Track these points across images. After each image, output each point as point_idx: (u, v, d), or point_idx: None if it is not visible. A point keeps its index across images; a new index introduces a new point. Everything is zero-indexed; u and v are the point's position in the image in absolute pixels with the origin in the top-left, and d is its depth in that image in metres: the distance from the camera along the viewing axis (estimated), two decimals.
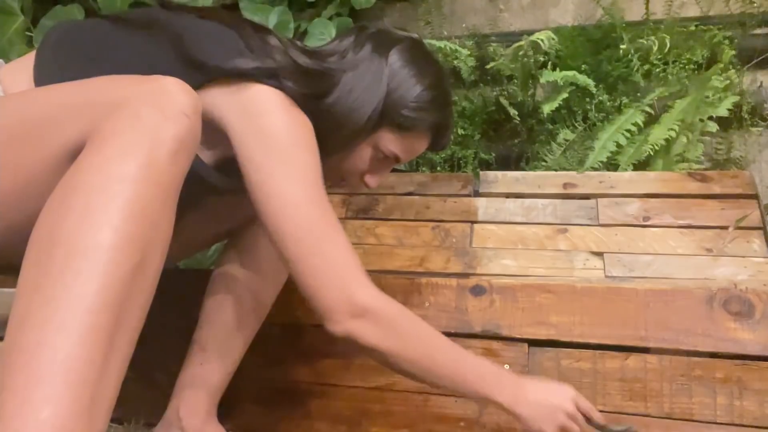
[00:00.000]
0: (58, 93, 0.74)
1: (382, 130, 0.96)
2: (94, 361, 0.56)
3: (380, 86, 0.93)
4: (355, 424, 1.14)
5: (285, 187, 0.83)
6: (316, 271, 0.84)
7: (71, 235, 0.58)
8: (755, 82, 1.85)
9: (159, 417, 1.08)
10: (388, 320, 0.86)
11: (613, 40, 1.92)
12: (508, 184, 1.61)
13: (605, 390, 1.05)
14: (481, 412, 1.09)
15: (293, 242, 0.84)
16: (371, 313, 0.84)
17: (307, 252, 0.84)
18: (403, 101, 0.94)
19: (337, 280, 0.84)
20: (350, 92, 0.92)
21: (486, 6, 2.36)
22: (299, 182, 0.84)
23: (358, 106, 0.93)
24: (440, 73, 1.00)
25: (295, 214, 0.83)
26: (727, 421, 0.99)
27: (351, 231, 1.59)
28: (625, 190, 1.52)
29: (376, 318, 0.85)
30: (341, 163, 1.00)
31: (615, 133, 1.64)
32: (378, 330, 0.85)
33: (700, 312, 1.05)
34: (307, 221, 0.84)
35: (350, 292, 0.84)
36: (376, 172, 1.03)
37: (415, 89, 0.95)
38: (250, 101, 0.85)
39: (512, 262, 1.44)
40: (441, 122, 1.00)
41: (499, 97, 1.97)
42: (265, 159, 0.84)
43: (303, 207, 0.84)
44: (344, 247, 0.86)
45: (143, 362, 1.25)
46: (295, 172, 0.84)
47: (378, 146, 0.98)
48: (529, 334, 1.10)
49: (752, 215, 1.39)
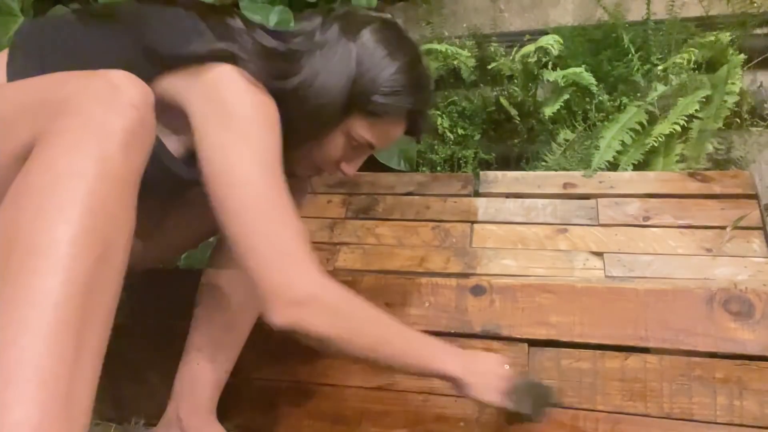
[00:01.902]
0: (12, 92, 0.74)
1: (354, 116, 0.92)
2: (64, 357, 0.54)
3: (348, 67, 0.89)
4: (355, 424, 1.14)
5: (235, 164, 0.81)
6: (256, 253, 0.80)
7: (27, 234, 0.58)
8: (755, 82, 1.85)
9: (159, 417, 1.09)
10: (333, 306, 0.82)
11: (613, 40, 1.92)
12: (508, 184, 1.61)
13: (605, 390, 1.05)
14: (481, 412, 1.09)
15: (236, 220, 0.80)
16: (315, 299, 0.80)
17: (250, 231, 0.80)
18: (375, 85, 0.90)
19: (277, 263, 0.80)
20: (317, 74, 0.89)
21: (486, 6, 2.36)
22: (251, 160, 0.81)
23: (325, 88, 0.89)
24: (415, 53, 0.95)
25: (241, 192, 0.80)
26: (727, 421, 0.99)
27: (351, 231, 1.59)
28: (625, 190, 1.52)
29: (321, 304, 0.80)
30: (315, 152, 0.97)
31: (619, 132, 1.64)
32: (324, 317, 0.81)
33: (700, 312, 1.05)
34: (252, 199, 0.80)
35: (291, 277, 0.79)
36: (352, 160, 1.00)
37: (387, 71, 0.90)
38: (210, 82, 0.84)
39: (512, 262, 1.44)
40: (416, 107, 0.95)
41: (499, 97, 1.97)
42: (219, 136, 0.82)
43: (251, 185, 0.80)
44: (290, 229, 0.81)
45: (143, 362, 1.26)
46: (248, 149, 0.81)
47: (350, 134, 0.94)
48: (529, 334, 1.10)
49: (752, 215, 1.39)
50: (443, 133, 1.94)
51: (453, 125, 1.96)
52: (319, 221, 1.62)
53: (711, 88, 1.64)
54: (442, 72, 2.05)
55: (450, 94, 2.06)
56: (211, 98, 0.83)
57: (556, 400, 1.01)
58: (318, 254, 1.55)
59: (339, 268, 1.50)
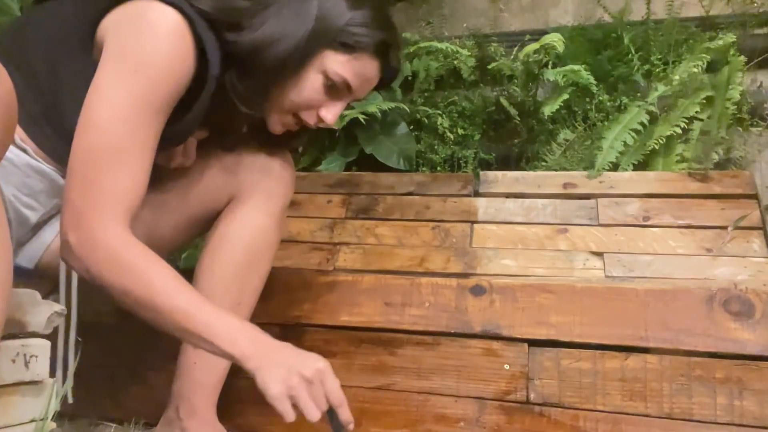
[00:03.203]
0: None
1: (325, 51, 0.93)
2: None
3: (310, 6, 0.91)
4: (355, 424, 1.14)
5: (99, 106, 0.81)
6: (73, 192, 0.81)
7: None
8: (755, 82, 1.85)
9: (159, 417, 1.09)
10: (118, 257, 0.80)
11: (613, 40, 1.92)
12: (508, 184, 1.61)
13: (605, 390, 1.05)
14: (481, 412, 1.09)
15: (75, 159, 0.82)
16: (104, 247, 0.80)
17: (79, 170, 0.81)
18: (341, 18, 0.92)
19: (87, 206, 0.80)
20: (282, 10, 0.90)
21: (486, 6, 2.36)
22: (116, 105, 0.81)
23: (289, 24, 0.90)
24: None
25: (90, 134, 0.81)
26: (727, 421, 0.99)
27: (351, 231, 1.59)
28: (625, 190, 1.52)
29: (108, 253, 0.80)
30: (294, 98, 0.96)
31: (622, 132, 1.64)
32: (108, 266, 0.80)
33: (700, 312, 1.05)
34: (95, 143, 0.81)
35: (93, 221, 0.80)
36: (331, 104, 0.98)
37: (354, 6, 0.92)
38: (133, 16, 0.84)
39: (512, 262, 1.44)
40: (385, 40, 0.96)
41: (499, 97, 1.97)
42: (104, 74, 0.82)
43: (100, 128, 0.81)
44: (120, 180, 0.82)
45: (142, 363, 1.26)
46: (118, 94, 0.81)
47: (326, 71, 0.94)
48: (529, 334, 1.10)
49: (752, 215, 1.39)
50: (443, 133, 1.94)
51: (453, 125, 1.96)
52: (319, 221, 1.62)
53: (712, 89, 1.64)
54: (442, 72, 2.05)
55: (450, 94, 2.05)
56: (122, 34, 0.83)
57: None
58: (318, 254, 1.55)
59: (339, 268, 1.50)
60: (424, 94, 2.05)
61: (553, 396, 1.07)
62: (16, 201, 0.90)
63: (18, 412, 0.76)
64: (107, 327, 1.24)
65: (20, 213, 0.91)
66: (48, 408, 0.78)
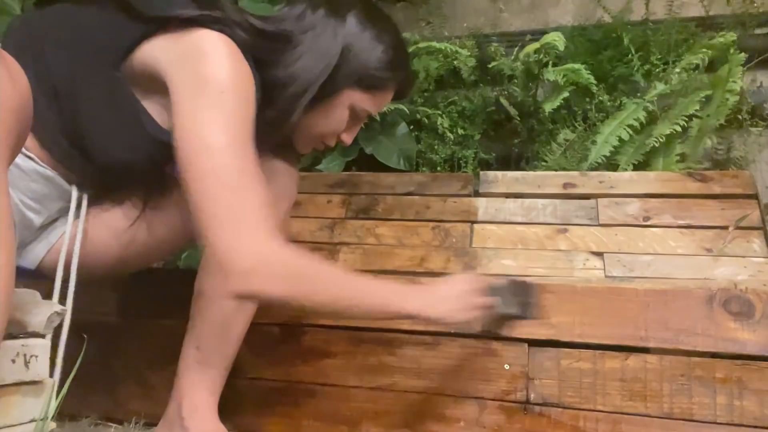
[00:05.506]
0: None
1: (352, 91, 0.99)
2: None
3: (335, 46, 0.95)
4: (355, 424, 1.14)
5: (204, 131, 0.81)
6: (214, 221, 0.79)
7: None
8: (755, 82, 1.85)
9: (159, 417, 1.09)
10: (285, 270, 0.82)
11: (613, 40, 1.92)
12: (508, 184, 1.61)
13: (605, 390, 1.05)
14: (481, 412, 1.09)
15: (197, 187, 0.80)
16: (266, 265, 0.80)
17: (210, 199, 0.80)
18: (368, 64, 0.98)
19: (230, 231, 0.79)
20: (308, 52, 0.94)
21: (486, 6, 2.36)
22: (221, 128, 0.81)
23: (312, 68, 0.95)
24: (396, 30, 1.04)
25: (206, 159, 0.80)
26: (727, 421, 0.99)
27: (351, 231, 1.59)
28: (625, 190, 1.52)
29: (272, 270, 0.81)
30: (322, 129, 1.03)
31: (617, 128, 1.64)
32: (277, 282, 0.82)
33: (700, 312, 1.05)
34: (217, 167, 0.80)
35: (243, 245, 0.79)
36: (350, 130, 1.07)
37: (376, 51, 0.98)
38: (192, 45, 0.84)
39: (512, 262, 1.44)
40: (405, 77, 1.06)
41: (499, 97, 1.97)
42: (193, 103, 0.82)
43: (217, 153, 0.81)
44: (252, 199, 0.81)
45: (143, 363, 1.26)
46: (219, 117, 0.82)
47: (353, 106, 1.01)
48: (529, 334, 1.10)
49: (752, 215, 1.39)
50: (443, 133, 1.94)
51: (453, 125, 1.96)
52: (319, 221, 1.62)
53: (711, 87, 1.64)
54: (442, 72, 2.05)
55: (450, 94, 2.06)
56: (189, 62, 0.84)
57: (538, 295, 0.99)
58: (318, 254, 1.55)
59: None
60: (424, 94, 2.05)
61: (553, 396, 1.07)
62: (21, 204, 0.90)
63: (18, 412, 0.76)
64: (107, 327, 1.24)
65: (25, 216, 0.91)
66: (48, 408, 0.78)
